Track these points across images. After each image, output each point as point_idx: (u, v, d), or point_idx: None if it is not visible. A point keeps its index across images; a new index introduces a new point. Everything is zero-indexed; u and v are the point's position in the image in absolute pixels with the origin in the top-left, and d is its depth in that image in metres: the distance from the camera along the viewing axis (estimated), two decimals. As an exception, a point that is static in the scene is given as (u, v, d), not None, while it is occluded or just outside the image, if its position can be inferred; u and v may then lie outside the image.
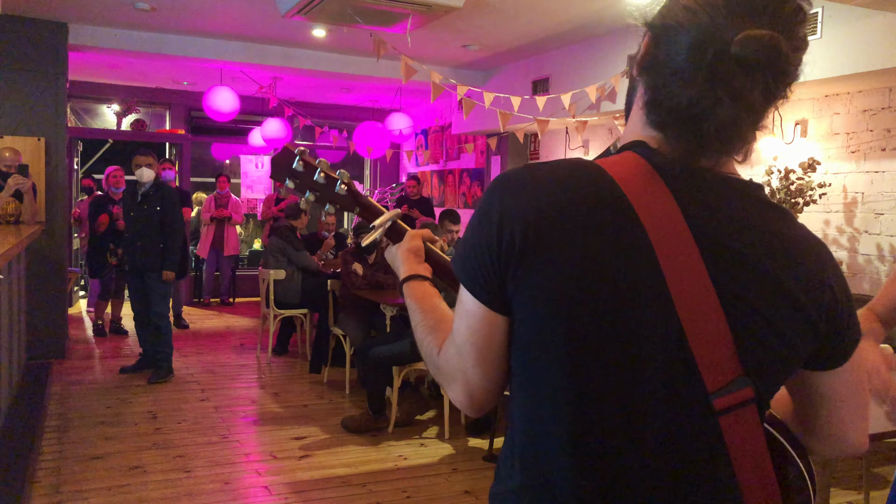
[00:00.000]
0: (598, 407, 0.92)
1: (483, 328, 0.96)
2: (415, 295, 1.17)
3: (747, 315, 0.91)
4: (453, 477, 3.97)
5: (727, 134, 0.89)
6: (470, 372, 0.99)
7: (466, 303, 0.97)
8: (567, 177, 0.93)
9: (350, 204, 1.30)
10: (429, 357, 1.09)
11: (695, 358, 0.90)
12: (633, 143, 0.97)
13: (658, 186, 0.91)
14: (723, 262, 0.91)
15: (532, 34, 6.39)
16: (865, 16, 4.34)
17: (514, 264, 0.91)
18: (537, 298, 0.91)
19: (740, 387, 0.91)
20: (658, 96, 0.92)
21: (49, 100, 6.25)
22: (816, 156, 5.19)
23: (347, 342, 5.42)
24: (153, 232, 5.55)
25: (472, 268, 0.95)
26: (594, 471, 0.93)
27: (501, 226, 0.91)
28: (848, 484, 3.89)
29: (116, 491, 3.62)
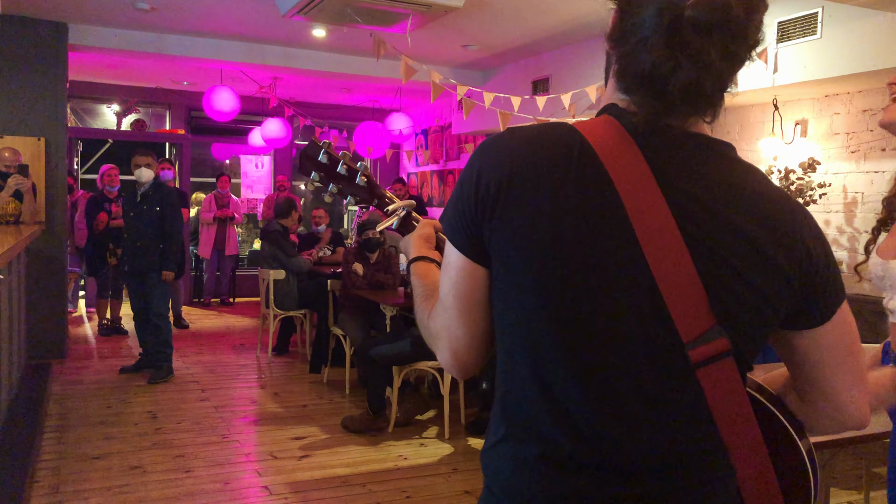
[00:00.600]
0: (573, 355, 0.94)
1: (464, 279, 1.01)
2: (419, 272, 1.22)
3: (717, 266, 0.92)
4: (453, 477, 3.97)
5: (689, 95, 0.92)
6: (454, 327, 1.03)
7: (450, 256, 1.03)
8: (541, 135, 0.99)
9: (368, 195, 1.36)
10: (421, 322, 1.13)
11: (667, 307, 0.91)
12: (606, 107, 1.02)
13: (627, 143, 0.95)
14: (691, 214, 0.93)
15: (532, 34, 6.38)
16: (865, 16, 4.34)
17: (488, 214, 0.96)
18: (509, 247, 0.95)
19: (714, 337, 0.92)
20: (625, 64, 0.97)
21: (49, 100, 6.25)
22: (816, 156, 5.20)
23: (347, 342, 5.42)
24: (153, 232, 5.55)
25: (453, 220, 1.01)
26: (573, 418, 0.95)
27: (479, 180, 0.98)
28: (848, 484, 3.88)
29: (116, 491, 3.62)
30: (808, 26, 4.68)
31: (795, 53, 4.78)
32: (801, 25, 4.72)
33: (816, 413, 1.07)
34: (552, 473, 0.97)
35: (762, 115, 5.66)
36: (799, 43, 4.75)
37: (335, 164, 1.33)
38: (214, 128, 9.72)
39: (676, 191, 0.93)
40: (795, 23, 4.76)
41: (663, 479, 0.96)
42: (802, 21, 4.72)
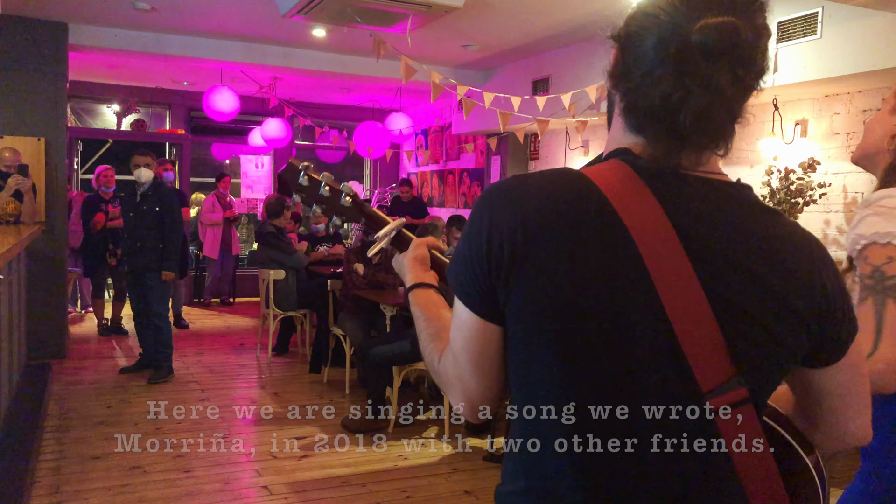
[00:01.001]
0: (594, 413, 0.93)
1: (477, 338, 0.98)
2: (420, 303, 1.19)
3: (737, 317, 0.91)
4: (453, 477, 3.97)
5: (702, 124, 0.90)
6: (467, 379, 1.01)
7: (460, 313, 0.99)
8: (553, 187, 0.95)
9: (355, 215, 1.33)
10: (430, 364, 1.11)
11: (687, 360, 0.91)
12: (616, 151, 0.98)
13: (643, 192, 0.92)
14: (710, 265, 0.91)
15: (532, 34, 6.39)
16: (865, 16, 4.34)
17: (503, 275, 0.93)
18: (527, 308, 0.93)
19: (734, 387, 0.91)
20: (633, 100, 0.95)
21: (49, 100, 6.25)
22: (816, 156, 5.19)
23: (347, 342, 5.42)
24: (152, 232, 5.54)
25: (463, 279, 0.97)
26: (595, 476, 0.94)
27: (490, 238, 0.93)
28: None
29: (116, 491, 3.62)
30: (808, 26, 4.68)
31: (795, 53, 4.78)
32: (801, 25, 4.72)
33: (820, 435, 1.09)
34: None
35: (762, 115, 5.66)
36: (799, 43, 4.75)
37: (317, 185, 1.30)
38: (214, 128, 9.72)
39: (695, 241, 0.92)
40: (795, 23, 4.76)
41: None
42: (802, 21, 4.72)
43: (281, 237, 6.44)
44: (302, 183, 1.30)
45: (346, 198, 1.30)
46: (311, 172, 1.30)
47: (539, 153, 8.32)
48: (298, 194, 1.30)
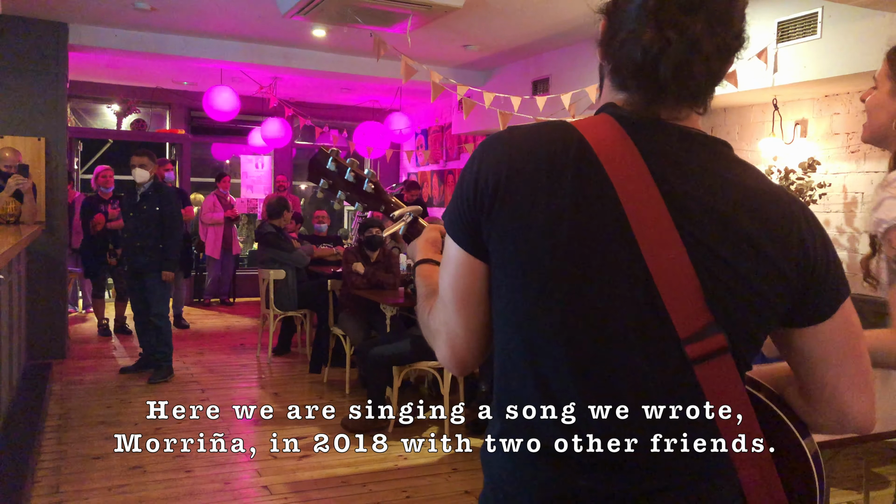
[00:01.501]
0: (569, 350, 0.94)
1: (463, 273, 1.02)
2: (423, 273, 1.24)
3: (713, 263, 0.93)
4: (453, 477, 3.97)
5: (681, 75, 0.94)
6: (452, 321, 1.04)
7: (450, 250, 1.04)
8: (539, 133, 1.00)
9: (375, 201, 1.38)
10: (422, 320, 1.14)
11: (664, 304, 0.92)
12: (603, 106, 1.03)
13: (624, 140, 0.96)
14: (687, 210, 0.93)
15: (532, 34, 6.39)
16: (865, 16, 4.34)
17: (486, 211, 0.98)
18: (507, 243, 0.96)
19: (711, 333, 0.92)
20: (618, 59, 0.99)
21: (49, 100, 6.25)
22: (816, 156, 5.20)
23: (347, 342, 5.42)
24: (152, 232, 5.53)
25: (454, 216, 1.02)
26: (570, 413, 0.96)
27: (478, 177, 0.99)
28: (848, 484, 3.88)
29: (116, 491, 3.62)
30: (808, 26, 4.68)
31: (795, 53, 4.79)
32: (801, 25, 4.72)
33: (818, 412, 1.06)
34: (550, 470, 0.97)
35: (762, 115, 5.66)
36: (799, 43, 4.75)
37: (343, 171, 1.35)
38: (214, 128, 9.72)
39: (673, 188, 0.94)
40: (795, 23, 4.76)
41: (662, 475, 0.96)
42: (802, 21, 4.72)
43: (281, 236, 6.43)
44: (330, 168, 1.35)
45: (368, 184, 1.35)
46: (339, 158, 1.36)
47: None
48: (326, 180, 1.36)
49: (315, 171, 1.37)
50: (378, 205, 1.37)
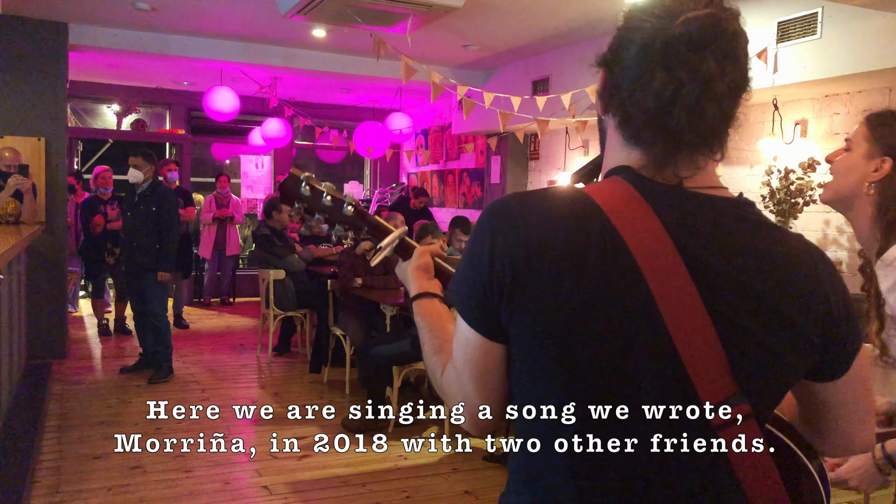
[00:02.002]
0: (597, 431, 0.93)
1: (480, 356, 0.98)
2: (424, 313, 1.19)
3: (739, 336, 0.92)
4: (453, 477, 3.97)
5: (695, 120, 0.91)
6: (470, 396, 1.01)
7: (463, 332, 0.99)
8: (555, 208, 0.95)
9: (358, 224, 1.32)
10: (434, 377, 1.11)
11: (690, 378, 0.91)
12: (617, 168, 0.99)
13: (644, 210, 0.93)
14: (712, 284, 0.91)
15: (532, 34, 6.38)
16: (865, 16, 4.34)
17: (506, 297, 0.93)
18: (529, 330, 0.93)
19: (737, 402, 0.92)
20: (626, 110, 0.95)
21: (49, 100, 6.25)
22: (816, 156, 5.19)
23: (347, 342, 5.42)
24: (149, 232, 5.52)
25: (466, 300, 0.97)
26: (598, 492, 0.95)
27: (492, 262, 0.93)
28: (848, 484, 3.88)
29: (116, 491, 3.62)
30: (808, 26, 4.68)
31: (795, 53, 4.78)
32: (801, 25, 4.72)
33: (825, 444, 1.10)
34: None
35: (762, 115, 5.66)
36: (799, 43, 4.75)
37: (318, 195, 1.30)
38: (214, 128, 9.72)
39: (698, 261, 0.92)
40: (795, 23, 4.76)
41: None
42: (802, 21, 4.72)
43: (275, 240, 6.41)
44: (304, 193, 1.29)
45: (348, 207, 1.30)
46: (313, 182, 1.30)
47: (539, 153, 8.32)
48: (300, 204, 1.30)
49: (287, 195, 1.30)
50: (360, 227, 1.32)
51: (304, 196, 1.30)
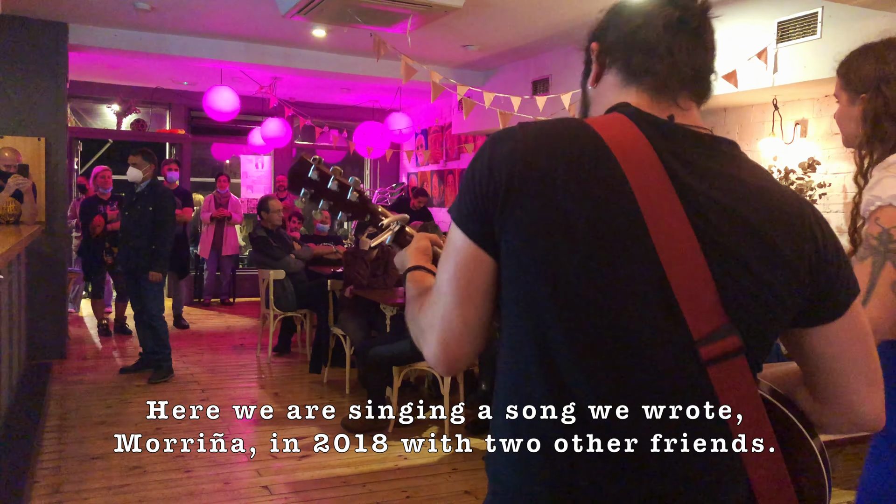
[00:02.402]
0: (582, 349, 0.93)
1: (468, 264, 0.98)
2: (414, 278, 1.20)
3: (729, 263, 0.92)
4: (453, 477, 3.97)
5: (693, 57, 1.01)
6: (449, 315, 0.99)
7: (455, 241, 1.00)
8: (553, 129, 0.99)
9: (361, 211, 1.33)
10: (412, 316, 1.10)
11: (678, 304, 0.91)
12: (617, 105, 1.02)
13: (640, 140, 0.95)
14: (703, 211, 0.93)
15: (532, 34, 6.38)
16: (865, 16, 4.34)
17: (500, 205, 0.95)
18: (521, 238, 0.94)
19: (725, 335, 0.92)
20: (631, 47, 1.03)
21: (49, 100, 6.25)
22: (816, 156, 5.20)
23: (347, 342, 5.42)
24: (145, 232, 5.52)
25: (463, 206, 0.99)
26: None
27: (491, 169, 0.96)
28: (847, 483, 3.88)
29: (116, 491, 3.62)
30: (808, 26, 4.68)
31: (795, 53, 4.78)
32: (801, 25, 4.72)
33: (829, 412, 1.06)
34: (558, 470, 0.96)
35: (762, 115, 5.66)
36: (799, 43, 4.75)
37: (326, 180, 1.30)
38: (214, 128, 9.72)
39: (689, 188, 0.94)
40: (795, 23, 4.76)
41: (672, 476, 0.95)
42: (802, 21, 4.72)
43: (270, 241, 6.39)
44: (312, 177, 1.30)
45: (353, 192, 1.31)
46: (322, 166, 1.31)
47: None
48: (308, 189, 1.31)
49: (295, 180, 1.31)
50: (363, 214, 1.33)
51: (312, 181, 1.30)
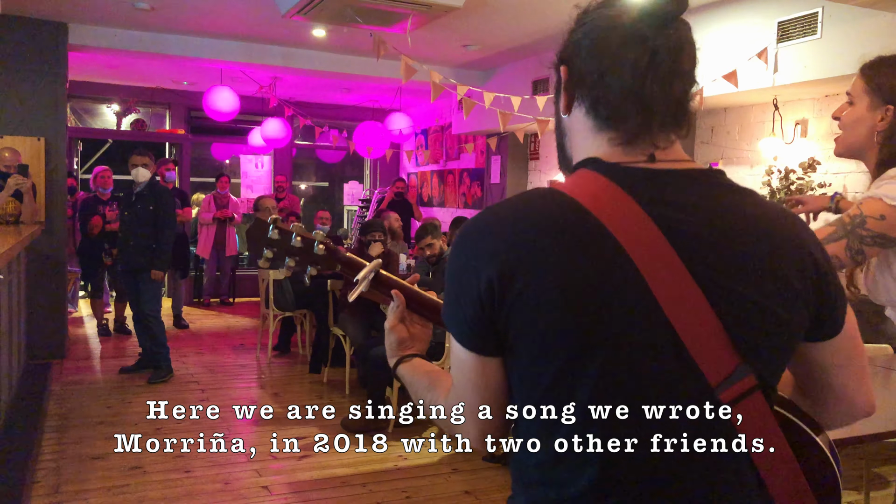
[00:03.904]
0: (605, 424, 0.92)
1: (478, 374, 0.98)
2: (407, 374, 1.18)
3: (734, 302, 0.91)
4: (453, 477, 3.97)
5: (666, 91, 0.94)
6: (475, 412, 1.01)
7: (458, 353, 0.99)
8: (528, 207, 0.94)
9: (330, 263, 1.30)
10: (434, 411, 1.10)
11: (692, 356, 0.90)
12: (584, 161, 0.99)
13: (619, 196, 0.92)
14: (699, 254, 0.91)
15: (532, 34, 6.38)
16: (865, 16, 4.34)
17: (496, 307, 0.92)
18: (526, 335, 0.92)
19: (741, 376, 0.91)
20: (598, 93, 0.97)
21: (49, 100, 6.25)
22: (816, 156, 5.20)
23: (347, 342, 5.42)
24: (145, 232, 5.52)
25: (457, 319, 0.96)
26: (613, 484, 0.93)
27: (478, 272, 0.92)
28: (848, 484, 3.88)
29: (116, 491, 3.62)
30: (808, 26, 4.68)
31: (795, 53, 4.78)
32: (801, 25, 4.72)
33: (827, 411, 1.09)
34: None
35: (762, 115, 5.66)
36: (799, 43, 4.75)
37: (287, 237, 1.27)
38: (214, 128, 9.72)
39: (679, 234, 0.91)
40: (795, 23, 4.76)
41: None
42: (802, 21, 4.72)
43: None
44: (272, 237, 1.26)
45: (318, 246, 1.27)
46: (281, 224, 1.27)
47: (539, 153, 8.32)
48: (269, 250, 1.27)
49: (255, 242, 1.27)
50: (333, 265, 1.30)
51: (272, 241, 1.26)
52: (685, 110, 0.98)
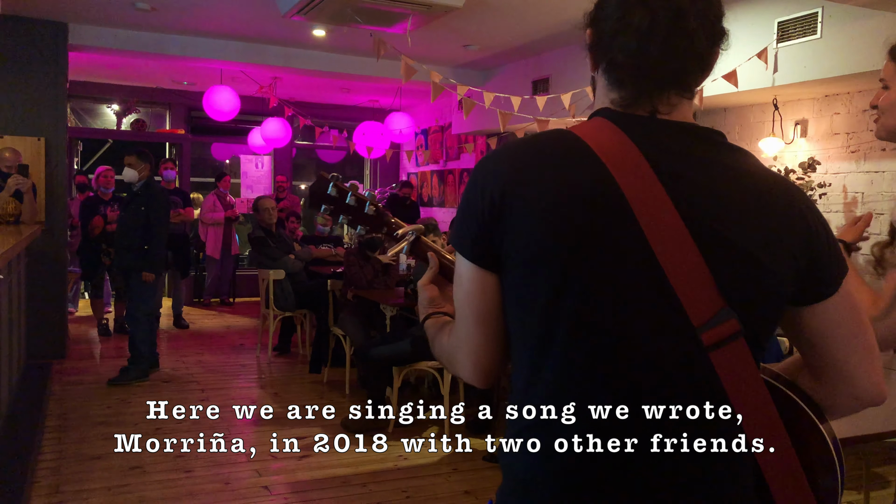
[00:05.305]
0: (586, 343, 0.95)
1: (477, 288, 1.02)
2: (431, 324, 1.24)
3: (722, 247, 0.94)
4: (453, 477, 3.97)
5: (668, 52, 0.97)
6: (472, 334, 1.05)
7: (461, 269, 1.05)
8: (537, 141, 1.02)
9: (378, 224, 1.38)
10: (440, 350, 1.16)
11: (677, 294, 0.93)
12: (597, 111, 1.05)
13: (621, 138, 0.98)
14: (690, 198, 0.95)
15: (532, 34, 6.38)
16: (865, 16, 4.34)
17: (496, 216, 0.98)
18: (518, 241, 0.97)
19: (724, 319, 0.93)
20: (612, 55, 1.02)
21: (49, 100, 6.25)
22: (816, 156, 5.20)
23: (347, 342, 5.42)
24: (137, 232, 5.51)
25: (462, 231, 1.03)
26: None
27: (483, 190, 1.00)
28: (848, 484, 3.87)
29: (116, 491, 3.62)
30: (808, 26, 4.68)
31: (795, 53, 4.78)
32: (801, 25, 4.72)
33: (832, 392, 1.07)
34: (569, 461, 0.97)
35: (762, 115, 5.66)
36: (799, 43, 4.75)
37: (344, 195, 1.36)
38: (214, 128, 9.71)
39: (674, 178, 0.95)
40: (795, 23, 4.76)
41: (680, 461, 0.96)
42: (802, 21, 4.72)
43: (269, 241, 6.39)
44: (331, 194, 1.35)
45: (370, 206, 1.36)
46: (339, 183, 1.36)
47: (539, 153, 8.31)
48: (327, 206, 1.36)
49: (315, 197, 1.38)
50: (380, 226, 1.38)
51: (331, 197, 1.35)
52: (692, 75, 1.00)
